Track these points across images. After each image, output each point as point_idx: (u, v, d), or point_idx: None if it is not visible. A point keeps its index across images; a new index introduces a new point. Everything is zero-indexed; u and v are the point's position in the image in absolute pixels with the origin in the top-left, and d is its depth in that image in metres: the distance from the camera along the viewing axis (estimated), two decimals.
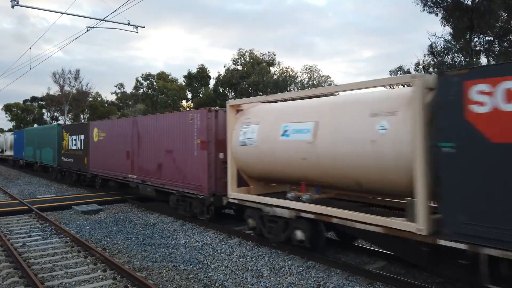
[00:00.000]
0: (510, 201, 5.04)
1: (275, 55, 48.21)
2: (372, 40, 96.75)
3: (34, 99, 79.41)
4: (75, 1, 14.76)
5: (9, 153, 35.36)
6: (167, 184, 12.39)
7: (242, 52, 47.57)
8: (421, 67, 30.52)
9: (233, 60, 48.00)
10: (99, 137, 16.97)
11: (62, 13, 14.98)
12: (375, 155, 6.63)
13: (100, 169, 16.93)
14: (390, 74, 33.65)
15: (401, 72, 31.00)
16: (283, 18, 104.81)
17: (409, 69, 32.14)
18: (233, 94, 47.30)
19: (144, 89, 61.11)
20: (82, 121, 65.91)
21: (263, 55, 47.63)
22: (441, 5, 27.41)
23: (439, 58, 29.40)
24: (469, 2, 26.28)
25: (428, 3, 27.52)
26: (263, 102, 10.01)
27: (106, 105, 76.22)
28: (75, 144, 19.39)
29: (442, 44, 29.14)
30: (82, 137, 18.61)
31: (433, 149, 5.84)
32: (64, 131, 21.27)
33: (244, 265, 7.87)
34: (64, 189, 19.58)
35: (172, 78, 60.70)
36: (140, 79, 61.76)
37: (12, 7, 13.50)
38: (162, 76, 59.56)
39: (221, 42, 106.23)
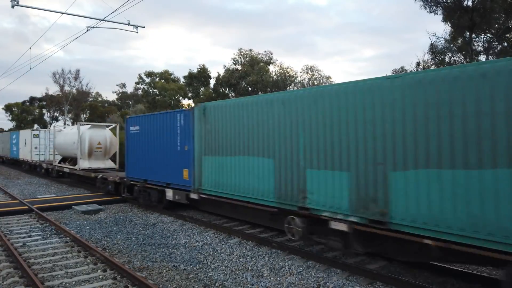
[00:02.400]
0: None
1: (272, 53, 48.47)
2: (374, 40, 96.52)
3: (32, 99, 79.31)
4: (75, 1, 14.76)
5: (87, 164, 18.81)
6: None
7: (243, 52, 47.72)
8: (421, 66, 30.56)
9: (233, 60, 48.21)
10: None
11: (62, 13, 14.97)
12: None
13: None
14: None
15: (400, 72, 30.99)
16: (284, 17, 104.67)
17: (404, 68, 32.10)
18: (233, 94, 47.33)
19: (145, 86, 61.54)
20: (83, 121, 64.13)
21: (259, 54, 47.80)
22: (441, 5, 27.40)
23: (439, 58, 29.43)
24: (469, 2, 26.29)
25: (428, 1, 27.51)
26: None
27: (106, 105, 76.18)
28: None
29: (442, 44, 29.20)
30: None
31: None
32: None
33: (244, 265, 7.88)
34: (64, 189, 19.59)
35: (174, 78, 60.88)
36: (142, 75, 62.24)
37: (12, 7, 13.47)
38: (165, 76, 59.68)
39: (223, 41, 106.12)
